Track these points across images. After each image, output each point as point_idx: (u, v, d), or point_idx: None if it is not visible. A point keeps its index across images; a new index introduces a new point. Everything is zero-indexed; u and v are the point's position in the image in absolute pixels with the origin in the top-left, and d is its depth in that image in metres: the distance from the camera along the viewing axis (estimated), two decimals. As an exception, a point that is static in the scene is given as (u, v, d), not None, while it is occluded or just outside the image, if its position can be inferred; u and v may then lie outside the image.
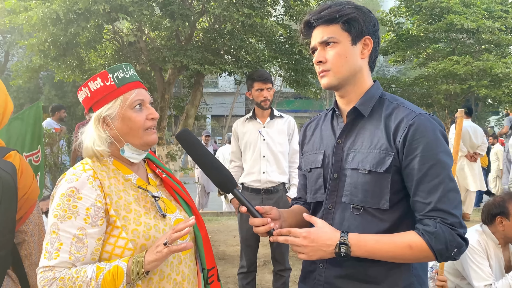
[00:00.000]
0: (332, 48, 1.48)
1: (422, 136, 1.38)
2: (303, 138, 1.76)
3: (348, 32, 1.47)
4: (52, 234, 1.34)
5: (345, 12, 1.46)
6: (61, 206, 1.36)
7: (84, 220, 1.35)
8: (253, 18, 4.77)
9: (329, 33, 1.48)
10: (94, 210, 1.37)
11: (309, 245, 1.40)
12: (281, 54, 6.21)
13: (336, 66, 1.49)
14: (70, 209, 1.35)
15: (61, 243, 1.32)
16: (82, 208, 1.36)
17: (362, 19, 1.47)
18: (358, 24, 1.47)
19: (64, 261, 1.31)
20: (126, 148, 1.50)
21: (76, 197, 1.36)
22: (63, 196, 1.37)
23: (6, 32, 18.96)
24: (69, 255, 1.31)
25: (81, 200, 1.37)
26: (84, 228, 1.35)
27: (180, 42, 5.61)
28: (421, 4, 6.81)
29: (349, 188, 1.48)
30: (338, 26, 1.47)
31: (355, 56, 1.49)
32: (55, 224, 1.34)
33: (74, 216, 1.35)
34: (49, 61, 5.19)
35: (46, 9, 4.01)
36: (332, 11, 1.48)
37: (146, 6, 4.56)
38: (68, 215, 1.34)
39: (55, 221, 1.34)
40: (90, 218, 1.36)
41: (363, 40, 1.49)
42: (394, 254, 1.38)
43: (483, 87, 6.95)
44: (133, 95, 1.49)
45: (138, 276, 1.33)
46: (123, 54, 5.95)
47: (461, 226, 1.36)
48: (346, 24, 1.47)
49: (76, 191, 1.37)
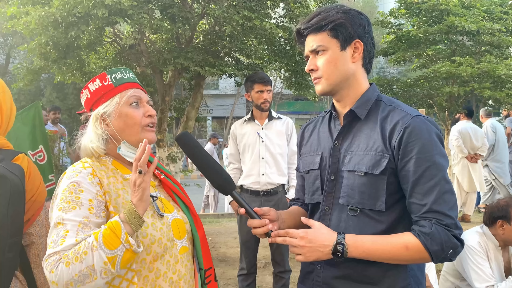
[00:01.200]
0: (322, 56, 1.51)
1: (417, 138, 1.40)
2: (301, 140, 1.78)
3: (336, 38, 1.49)
4: (58, 226, 1.35)
5: (331, 19, 1.48)
6: (64, 199, 1.38)
7: (88, 210, 1.37)
8: (252, 21, 4.79)
9: (318, 41, 1.50)
10: (97, 203, 1.40)
11: (306, 246, 1.42)
12: (281, 56, 6.24)
13: (327, 73, 1.51)
14: (73, 201, 1.37)
15: (67, 231, 1.33)
16: (85, 199, 1.38)
17: (349, 24, 1.49)
18: (345, 29, 1.48)
19: (71, 243, 1.31)
20: (122, 145, 1.52)
21: (78, 189, 1.39)
22: (65, 191, 1.39)
23: (8, 35, 19.03)
24: (75, 238, 1.32)
25: (83, 192, 1.39)
26: (88, 217, 1.37)
27: (181, 45, 5.63)
28: (421, 7, 6.83)
29: (346, 189, 1.49)
30: (325, 33, 1.49)
31: (346, 61, 1.50)
32: (59, 216, 1.35)
33: (79, 206, 1.37)
34: (50, 63, 5.22)
35: (43, 12, 4.03)
36: (319, 19, 1.50)
37: (146, 9, 4.59)
38: (72, 206, 1.37)
39: (60, 213, 1.36)
40: (94, 209, 1.39)
41: (353, 44, 1.50)
42: (391, 254, 1.39)
43: (486, 89, 6.95)
44: (129, 93, 1.53)
45: (136, 222, 1.32)
46: (123, 56, 5.98)
47: (457, 227, 1.38)
48: (333, 30, 1.48)
49: (77, 185, 1.40)
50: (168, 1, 4.85)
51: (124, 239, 1.29)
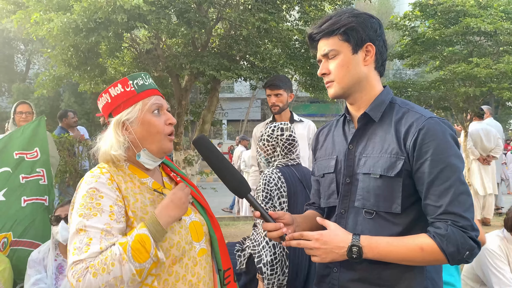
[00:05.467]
0: (334, 60, 1.53)
1: (432, 139, 1.40)
2: (316, 144, 1.79)
3: (347, 42, 1.51)
4: (80, 232, 1.35)
5: (342, 23, 1.50)
6: (85, 205, 1.38)
7: (109, 217, 1.38)
8: (268, 23, 4.83)
9: (329, 46, 1.53)
10: (117, 208, 1.41)
11: (322, 247, 1.43)
12: (296, 59, 6.26)
13: (339, 76, 1.53)
14: (94, 207, 1.38)
15: (91, 238, 1.33)
16: (105, 205, 1.39)
17: (361, 27, 1.50)
18: (356, 33, 1.50)
19: (95, 251, 1.32)
20: (142, 153, 1.53)
21: (98, 195, 1.40)
22: (85, 197, 1.40)
23: (28, 41, 19.47)
24: (100, 246, 1.33)
25: (103, 198, 1.40)
26: (110, 224, 1.37)
27: (197, 49, 5.70)
28: (436, 8, 6.75)
29: (362, 192, 1.50)
30: (337, 37, 1.51)
31: (358, 64, 1.52)
32: (81, 223, 1.36)
33: (100, 212, 1.38)
34: (72, 69, 5.34)
35: (65, 19, 4.13)
36: (331, 23, 1.52)
37: (163, 14, 4.66)
38: (93, 212, 1.37)
39: (81, 219, 1.36)
40: (115, 215, 1.40)
41: (365, 47, 1.52)
42: (406, 256, 1.39)
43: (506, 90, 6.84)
44: (152, 100, 1.54)
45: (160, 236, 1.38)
46: (140, 61, 6.07)
47: (473, 229, 1.37)
48: (345, 34, 1.50)
49: (97, 190, 1.41)
50: (185, 6, 4.92)
51: (153, 254, 1.33)
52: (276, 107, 3.72)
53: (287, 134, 2.66)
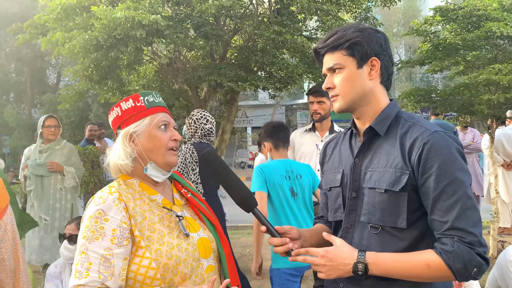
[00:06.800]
0: (339, 74, 1.53)
1: (436, 154, 1.38)
2: (323, 157, 1.79)
3: (352, 57, 1.51)
4: (82, 255, 1.42)
5: (347, 38, 1.50)
6: (89, 227, 1.45)
7: (110, 241, 1.43)
8: (283, 35, 4.86)
9: (334, 60, 1.53)
10: (120, 231, 1.45)
11: (327, 264, 1.43)
12: (315, 68, 6.26)
13: (344, 90, 1.53)
14: (97, 231, 1.44)
15: (90, 263, 1.40)
16: (108, 229, 1.44)
17: (366, 42, 1.51)
18: (361, 48, 1.50)
19: (94, 280, 1.38)
20: (149, 166, 1.58)
21: (103, 218, 1.45)
22: (91, 218, 1.46)
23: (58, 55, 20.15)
24: (98, 274, 1.39)
25: (107, 222, 1.45)
26: (110, 249, 1.42)
27: (215, 61, 5.79)
28: (457, 13, 6.61)
29: (367, 207, 1.49)
30: (342, 52, 1.52)
31: (362, 78, 1.52)
32: (84, 245, 1.43)
33: (101, 237, 1.43)
34: (93, 84, 5.51)
35: (87, 36, 4.28)
36: (336, 38, 1.53)
37: (180, 28, 4.76)
38: (95, 236, 1.43)
39: (84, 242, 1.43)
40: (116, 239, 1.44)
41: (370, 62, 1.52)
42: (412, 273, 1.38)
43: (531, 95, 6.63)
44: (159, 116, 1.61)
45: None
46: (162, 74, 6.21)
47: (481, 245, 1.34)
48: (349, 49, 1.51)
49: (103, 213, 1.46)
50: (202, 20, 5.01)
51: None
52: (318, 114, 3.69)
53: (209, 126, 3.65)
